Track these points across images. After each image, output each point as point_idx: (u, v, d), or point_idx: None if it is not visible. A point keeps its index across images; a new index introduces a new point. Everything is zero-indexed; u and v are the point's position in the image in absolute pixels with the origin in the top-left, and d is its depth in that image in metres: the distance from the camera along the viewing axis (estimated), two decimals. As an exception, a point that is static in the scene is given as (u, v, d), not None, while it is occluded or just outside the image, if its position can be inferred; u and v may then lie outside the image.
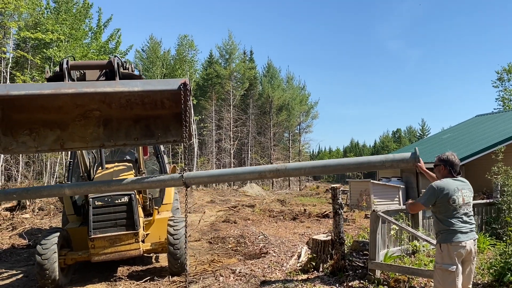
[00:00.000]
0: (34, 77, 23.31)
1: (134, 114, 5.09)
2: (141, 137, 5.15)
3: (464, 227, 4.38)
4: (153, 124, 5.16)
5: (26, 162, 25.76)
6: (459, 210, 4.40)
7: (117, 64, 5.19)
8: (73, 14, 28.28)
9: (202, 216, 15.94)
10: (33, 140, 4.91)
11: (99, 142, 5.11)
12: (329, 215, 14.67)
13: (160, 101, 5.00)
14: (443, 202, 4.40)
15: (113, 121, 5.11)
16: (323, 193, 34.41)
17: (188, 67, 41.28)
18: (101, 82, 5.05)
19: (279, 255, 8.67)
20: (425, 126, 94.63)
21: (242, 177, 6.92)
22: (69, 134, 5.01)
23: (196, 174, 6.14)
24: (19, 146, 4.89)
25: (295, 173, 6.54)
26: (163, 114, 5.11)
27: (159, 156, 9.40)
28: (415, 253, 7.17)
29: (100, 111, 5.00)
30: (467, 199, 4.46)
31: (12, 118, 4.78)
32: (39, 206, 16.48)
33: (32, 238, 11.59)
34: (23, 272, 8.42)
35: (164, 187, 8.38)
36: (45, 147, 5.00)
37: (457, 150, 20.16)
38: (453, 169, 4.58)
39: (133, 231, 7.01)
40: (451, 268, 4.34)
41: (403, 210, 7.31)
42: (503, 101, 39.65)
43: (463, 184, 4.52)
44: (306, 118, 55.24)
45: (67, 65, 5.13)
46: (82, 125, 5.00)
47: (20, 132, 4.86)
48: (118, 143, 5.17)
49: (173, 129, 5.14)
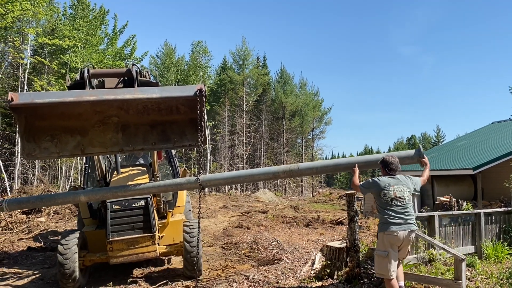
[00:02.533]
0: (50, 82, 23.65)
1: (150, 119, 5.30)
2: (158, 141, 5.35)
3: (397, 219, 5.06)
4: (169, 129, 5.35)
5: (42, 166, 26.09)
6: (391, 203, 5.13)
7: (135, 72, 5.36)
8: (89, 21, 28.67)
9: (215, 221, 15.96)
10: (55, 146, 5.12)
11: (118, 147, 5.34)
12: (343, 222, 14.56)
13: (175, 107, 5.21)
14: (376, 195, 5.24)
15: (131, 126, 5.32)
16: (336, 200, 34.21)
17: (202, 73, 41.50)
18: (120, 90, 5.29)
19: (292, 261, 8.61)
20: (440, 133, 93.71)
21: (257, 178, 7.12)
22: (89, 140, 5.22)
23: (212, 177, 6.24)
24: (42, 151, 5.09)
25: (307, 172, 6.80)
26: (179, 119, 5.30)
27: (172, 160, 9.51)
28: (432, 261, 7.05)
29: (118, 117, 5.20)
30: (400, 194, 5.15)
31: (35, 125, 4.98)
32: (54, 210, 16.62)
33: (48, 241, 11.70)
34: (39, 274, 8.49)
35: (181, 190, 8.46)
36: (66, 153, 5.23)
37: (473, 158, 19.86)
38: (387, 168, 5.39)
39: (150, 234, 7.13)
40: (384, 254, 5.08)
41: (419, 217, 7.22)
42: (521, 108, 39.05)
43: (396, 181, 5.25)
44: (319, 124, 55.13)
45: (88, 74, 5.31)
46: (101, 131, 5.21)
47: (42, 138, 5.06)
48: (137, 147, 5.38)
49: (189, 133, 5.33)
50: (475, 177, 20.13)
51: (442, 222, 7.67)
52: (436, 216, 7.44)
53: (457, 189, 20.00)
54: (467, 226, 8.28)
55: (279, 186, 48.58)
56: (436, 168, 20.74)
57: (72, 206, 17.41)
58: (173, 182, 6.22)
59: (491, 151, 19.33)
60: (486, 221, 8.59)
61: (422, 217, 7.36)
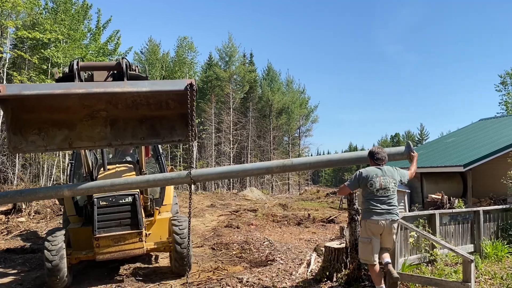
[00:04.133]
0: (31, 77, 22.89)
1: (140, 114, 5.25)
2: (147, 136, 5.31)
3: (379, 208, 5.32)
4: (158, 124, 5.32)
5: (23, 164, 25.32)
6: (376, 193, 5.37)
7: (125, 65, 5.32)
8: (72, 15, 27.88)
9: (203, 220, 15.53)
10: (42, 139, 5.05)
11: (107, 142, 5.27)
12: (335, 220, 14.29)
13: (165, 102, 5.19)
14: (364, 185, 5.44)
15: (120, 121, 5.27)
16: (324, 197, 34.01)
17: (187, 69, 40.89)
18: (110, 83, 5.28)
19: (286, 262, 8.27)
20: (424, 131, 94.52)
21: (250, 173, 7.24)
22: (77, 134, 5.17)
23: (203, 171, 6.12)
24: (29, 145, 5.02)
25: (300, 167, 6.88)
26: (168, 114, 5.28)
27: (159, 157, 9.35)
28: (433, 261, 6.78)
29: (107, 111, 5.15)
30: (385, 185, 5.39)
31: (22, 118, 4.92)
32: (35, 210, 15.99)
33: (29, 243, 11.16)
34: (18, 278, 7.98)
35: (172, 185, 8.29)
36: (54, 146, 5.16)
37: (462, 155, 19.79)
38: (374, 158, 5.60)
39: (137, 230, 7.12)
40: (367, 241, 5.38)
41: (422, 216, 6.93)
42: (506, 105, 39.34)
43: (382, 172, 5.46)
44: (305, 122, 55.02)
45: (77, 66, 5.26)
46: (89, 125, 5.16)
47: (29, 131, 4.99)
48: (125, 142, 5.33)
49: (178, 129, 5.31)
50: (464, 174, 20.07)
51: (442, 221, 7.40)
52: (437, 214, 7.17)
53: (447, 186, 19.93)
54: (466, 225, 8.03)
55: (266, 184, 48.33)
56: (425, 165, 20.63)
57: (54, 205, 16.83)
58: (164, 177, 6.08)
59: (480, 148, 19.28)
60: (485, 219, 8.36)
61: (423, 215, 7.07)
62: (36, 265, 9.05)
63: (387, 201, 5.39)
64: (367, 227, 5.36)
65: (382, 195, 5.38)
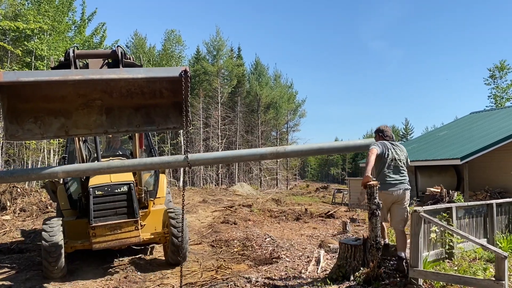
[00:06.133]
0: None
1: (134, 103, 5.37)
2: (143, 124, 5.43)
3: (393, 179, 5.76)
4: (153, 112, 5.45)
5: (6, 160, 24.45)
6: (391, 163, 5.80)
7: (120, 53, 5.39)
8: (56, 6, 26.93)
9: (197, 216, 15.06)
10: (39, 128, 5.11)
11: (103, 129, 5.36)
12: (334, 215, 13.96)
13: (158, 91, 5.33)
14: (381, 155, 5.76)
15: (115, 109, 5.35)
16: (314, 192, 33.80)
17: (175, 62, 40.13)
18: (106, 70, 5.31)
19: (293, 260, 7.89)
20: (408, 126, 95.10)
21: (245, 158, 7.40)
22: (73, 122, 5.24)
23: (200, 156, 6.26)
24: (25, 133, 5.09)
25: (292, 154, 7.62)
26: (162, 103, 5.42)
27: (152, 150, 9.54)
28: (451, 257, 6.46)
29: (102, 100, 5.25)
30: (397, 157, 5.84)
31: (17, 107, 4.99)
32: (21, 207, 15.32)
33: (15, 242, 10.55)
34: (6, 283, 7.41)
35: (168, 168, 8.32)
36: (50, 134, 5.22)
37: (457, 148, 19.68)
38: (383, 134, 6.10)
39: (133, 219, 7.29)
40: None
41: (439, 210, 6.59)
42: (495, 99, 39.48)
43: (394, 146, 5.93)
44: (293, 116, 54.72)
45: (73, 54, 5.30)
46: (85, 113, 5.24)
47: (25, 120, 5.06)
48: (121, 129, 5.44)
49: (173, 116, 5.45)
50: (458, 168, 20.01)
51: (458, 214, 7.08)
52: (454, 208, 6.85)
53: (441, 179, 19.82)
54: (479, 218, 7.74)
55: (254, 180, 48.01)
56: (420, 158, 20.49)
57: (40, 203, 16.18)
58: (161, 160, 6.19)
59: (476, 140, 19.19)
60: (497, 212, 8.10)
61: (440, 209, 6.74)
62: (25, 266, 8.49)
63: (400, 172, 5.83)
64: (381, 197, 5.60)
65: (396, 165, 5.80)
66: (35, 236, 11.40)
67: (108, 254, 8.53)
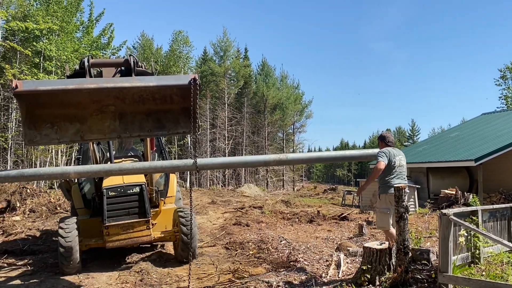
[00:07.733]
0: (23, 71, 21.98)
1: (146, 108, 5.59)
2: (154, 129, 5.65)
3: (398, 183, 6.10)
4: (164, 117, 5.67)
5: (15, 161, 24.43)
6: (396, 169, 6.43)
7: (133, 62, 5.60)
8: (64, 7, 26.92)
9: (208, 218, 14.92)
10: (55, 133, 5.33)
11: (116, 134, 5.60)
12: (348, 218, 13.76)
13: (169, 96, 5.53)
14: (389, 161, 6.34)
15: (128, 115, 5.59)
16: (322, 194, 33.61)
17: (183, 63, 40.06)
18: (119, 78, 5.58)
19: (312, 264, 7.70)
20: (415, 127, 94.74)
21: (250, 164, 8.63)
22: (88, 127, 5.45)
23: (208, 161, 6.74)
24: (43, 138, 5.32)
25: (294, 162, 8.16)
26: (172, 108, 5.63)
27: (163, 151, 9.79)
28: (478, 261, 6.27)
29: (115, 106, 5.46)
30: (401, 163, 6.51)
31: (35, 113, 5.20)
32: (30, 208, 15.23)
33: (28, 243, 10.44)
34: (22, 285, 7.28)
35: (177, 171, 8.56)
36: (66, 139, 5.48)
37: (469, 150, 19.42)
38: (386, 141, 6.70)
39: (145, 219, 7.53)
40: (386, 211, 6.50)
41: (465, 213, 6.40)
42: (506, 100, 38.89)
43: (398, 152, 6.59)
44: (300, 117, 54.54)
45: (88, 63, 5.57)
46: (99, 119, 5.46)
47: (43, 125, 5.29)
48: (133, 134, 5.67)
49: (182, 121, 5.67)
50: (471, 169, 19.74)
51: (483, 218, 6.89)
52: (479, 211, 6.66)
53: (453, 181, 19.53)
54: (504, 221, 7.56)
55: (261, 181, 47.86)
56: (431, 160, 20.25)
57: (49, 203, 16.10)
58: (171, 164, 6.51)
59: (489, 142, 18.91)
60: (519, 216, 7.90)
61: (465, 212, 6.55)
62: (39, 267, 8.36)
63: (403, 177, 6.50)
64: (387, 199, 6.24)
65: (399, 171, 6.45)
66: (47, 237, 11.30)
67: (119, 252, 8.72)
